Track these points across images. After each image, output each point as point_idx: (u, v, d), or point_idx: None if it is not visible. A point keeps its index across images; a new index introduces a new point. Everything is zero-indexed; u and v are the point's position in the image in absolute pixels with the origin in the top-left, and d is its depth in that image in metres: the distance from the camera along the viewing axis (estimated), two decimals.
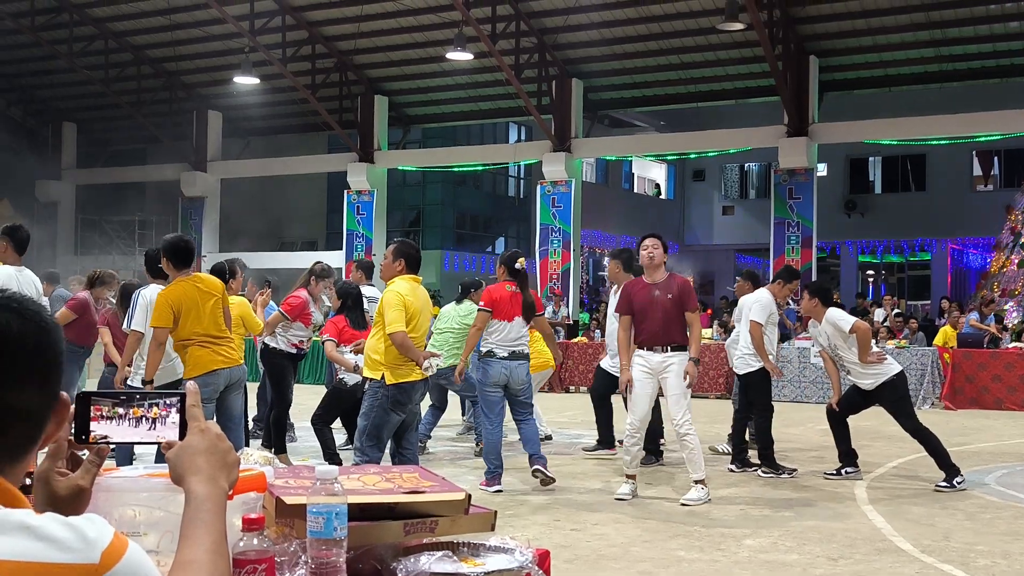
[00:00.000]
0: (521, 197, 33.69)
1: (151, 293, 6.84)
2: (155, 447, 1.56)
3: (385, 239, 22.67)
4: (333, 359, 8.47)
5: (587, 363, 15.87)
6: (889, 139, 20.90)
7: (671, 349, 7.20)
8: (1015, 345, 15.61)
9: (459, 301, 9.78)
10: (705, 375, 14.94)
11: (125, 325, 7.16)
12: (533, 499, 7.31)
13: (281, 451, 8.59)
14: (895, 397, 7.99)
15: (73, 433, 1.48)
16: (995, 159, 30.84)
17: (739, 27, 17.31)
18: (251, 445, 8.45)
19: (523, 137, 30.60)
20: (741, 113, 23.64)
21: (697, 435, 7.23)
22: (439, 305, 12.78)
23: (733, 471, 8.61)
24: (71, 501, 1.46)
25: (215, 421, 1.57)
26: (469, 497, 1.93)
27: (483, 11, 19.54)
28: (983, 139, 21.91)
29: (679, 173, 35.91)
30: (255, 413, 9.86)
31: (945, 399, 14.32)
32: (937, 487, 7.66)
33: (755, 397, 8.75)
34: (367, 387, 6.56)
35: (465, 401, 10.64)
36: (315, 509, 1.65)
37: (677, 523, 6.51)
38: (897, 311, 19.25)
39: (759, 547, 5.87)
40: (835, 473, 8.26)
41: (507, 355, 7.58)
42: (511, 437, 8.79)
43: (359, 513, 1.79)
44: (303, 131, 26.27)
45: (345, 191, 23.96)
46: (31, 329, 1.27)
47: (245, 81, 21.61)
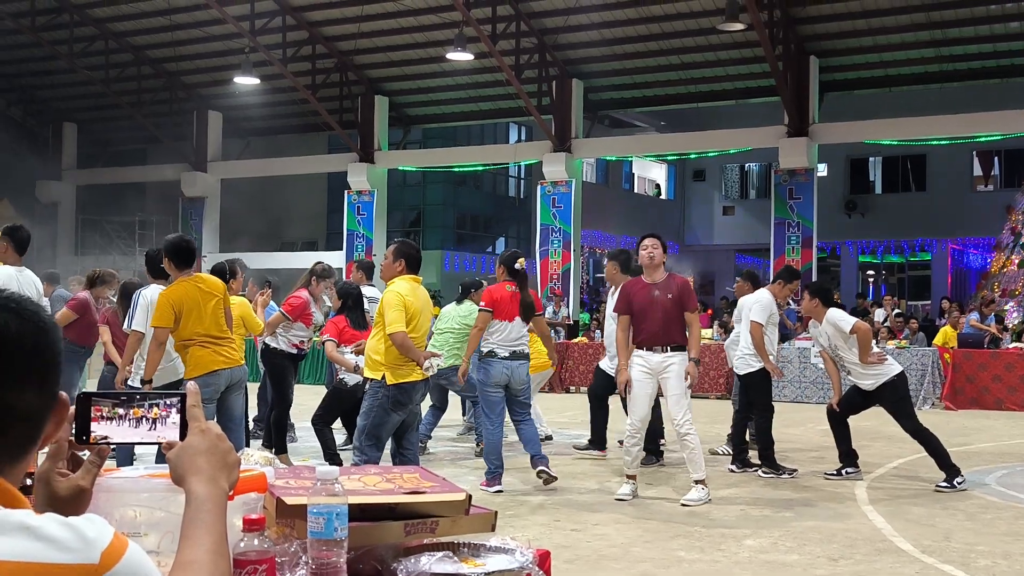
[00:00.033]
0: (521, 197, 33.69)
1: (152, 293, 6.84)
2: (155, 447, 1.56)
3: (385, 239, 22.67)
4: (333, 359, 8.47)
5: (587, 363, 15.87)
6: (889, 139, 20.89)
7: (671, 349, 7.20)
8: (1015, 345, 15.61)
9: (459, 301, 9.79)
10: (705, 375, 14.94)
11: (126, 325, 7.16)
12: (533, 499, 7.31)
13: (282, 451, 8.59)
14: (895, 398, 7.99)
15: (73, 433, 1.48)
16: (995, 159, 30.84)
17: (739, 27, 17.32)
18: (251, 445, 8.45)
19: (523, 137, 30.60)
20: (741, 113, 23.64)
21: (698, 435, 7.23)
22: (439, 305, 12.77)
23: (734, 471, 8.61)
24: (72, 501, 1.46)
25: (216, 421, 1.56)
26: (470, 498, 1.93)
27: (483, 11, 19.55)
28: (983, 139, 21.91)
29: (679, 173, 35.92)
30: (255, 413, 9.87)
31: (945, 399, 14.31)
32: (937, 487, 7.66)
33: (756, 397, 8.74)
34: (368, 387, 6.56)
35: (465, 401, 10.64)
36: (316, 510, 1.65)
37: (678, 523, 6.51)
38: (897, 311, 19.25)
39: (759, 547, 5.87)
40: (835, 473, 8.26)
41: (508, 355, 7.59)
42: (511, 437, 8.78)
43: (360, 513, 1.79)
44: (303, 131, 26.27)
45: (345, 191, 23.97)
46: (29, 329, 1.27)
47: (245, 81, 21.61)
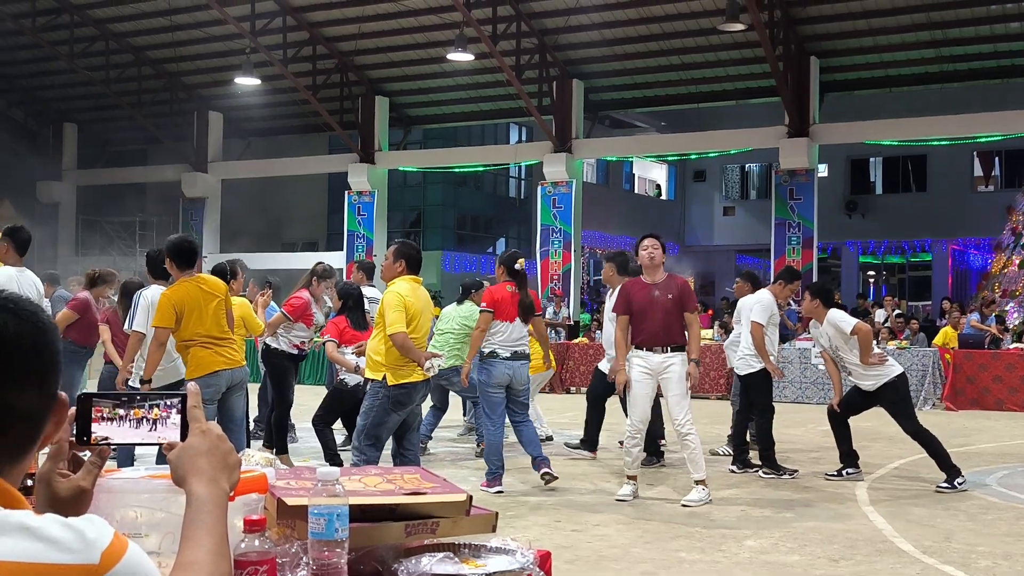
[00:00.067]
0: (522, 198, 33.69)
1: (152, 294, 6.84)
2: (156, 448, 1.56)
3: (386, 240, 22.67)
4: (334, 359, 8.47)
5: (588, 364, 15.86)
6: (890, 140, 20.90)
7: (671, 350, 7.20)
8: (1016, 346, 15.60)
9: (460, 302, 9.78)
10: (706, 376, 14.93)
11: (126, 326, 7.15)
12: (534, 500, 7.31)
13: (282, 452, 8.60)
14: (896, 398, 7.99)
15: (74, 434, 1.48)
16: (996, 160, 30.84)
17: (740, 28, 17.32)
18: (252, 446, 8.45)
19: (524, 138, 30.61)
20: (742, 114, 23.64)
21: (698, 435, 7.24)
22: (440, 306, 12.77)
23: (734, 472, 8.61)
24: (73, 502, 1.46)
25: (217, 422, 1.56)
26: (470, 498, 1.93)
27: (484, 12, 19.55)
28: (984, 140, 21.91)
29: (680, 174, 35.92)
30: (256, 414, 9.87)
31: (946, 400, 14.31)
32: (938, 488, 7.66)
33: (756, 398, 8.74)
34: (368, 387, 6.56)
35: (466, 402, 10.64)
36: (316, 510, 1.65)
37: (678, 524, 6.51)
38: (898, 312, 19.25)
39: (760, 548, 5.87)
40: (836, 474, 8.26)
41: (510, 355, 7.60)
42: (512, 438, 8.78)
43: (360, 514, 1.79)
44: (304, 132, 26.28)
45: (346, 192, 23.97)
46: (27, 330, 1.27)
47: (246, 82, 21.62)
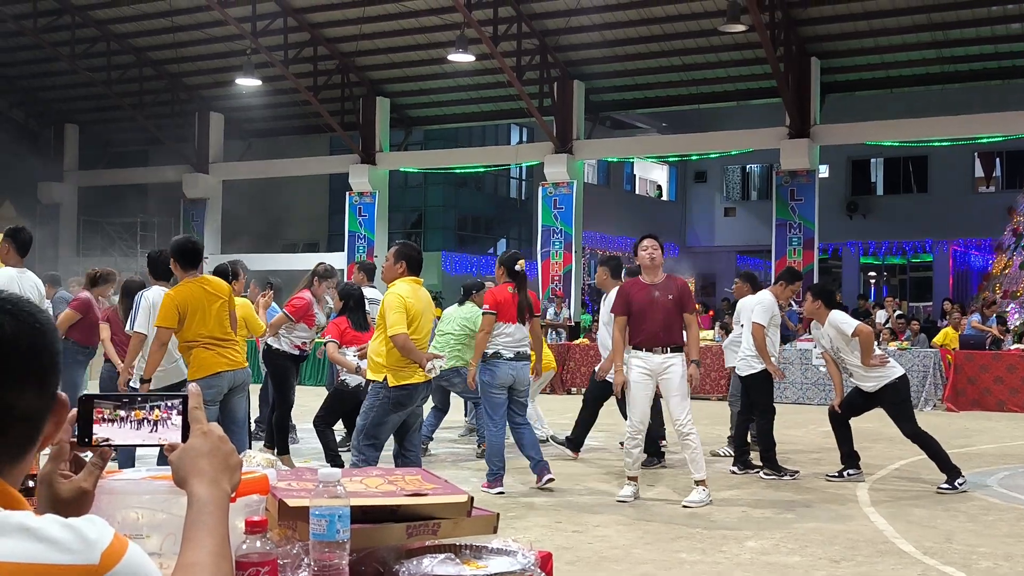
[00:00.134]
0: (523, 199, 33.69)
1: (153, 295, 6.84)
2: (157, 449, 1.56)
3: (387, 241, 22.69)
4: (335, 360, 8.47)
5: (588, 365, 15.85)
6: (891, 140, 20.90)
7: (671, 350, 7.21)
8: (1017, 347, 15.59)
9: (461, 303, 9.78)
10: (707, 377, 14.92)
11: (128, 327, 7.15)
12: (535, 501, 7.31)
13: (284, 452, 8.60)
14: (897, 400, 7.98)
15: (75, 435, 1.48)
16: (997, 160, 30.85)
17: (741, 29, 17.33)
18: (253, 446, 8.45)
19: (525, 139, 30.62)
20: (743, 115, 23.64)
21: (699, 435, 7.24)
22: (440, 307, 12.77)
23: (735, 473, 8.61)
24: (74, 503, 1.46)
25: (218, 424, 1.56)
26: (471, 500, 1.93)
27: (485, 13, 19.56)
28: (985, 140, 21.91)
29: (681, 174, 35.92)
30: (257, 415, 9.87)
31: (947, 401, 14.30)
32: (939, 489, 7.65)
33: (757, 399, 8.74)
34: (370, 388, 6.56)
35: (467, 403, 10.63)
36: (318, 512, 1.65)
37: (679, 525, 6.51)
38: (899, 313, 19.25)
39: (761, 549, 5.87)
40: (837, 475, 8.25)
41: (513, 356, 7.61)
42: (512, 438, 8.77)
43: (362, 515, 1.79)
44: (305, 133, 26.30)
45: (347, 193, 23.99)
46: (25, 330, 1.27)
47: (247, 83, 21.63)
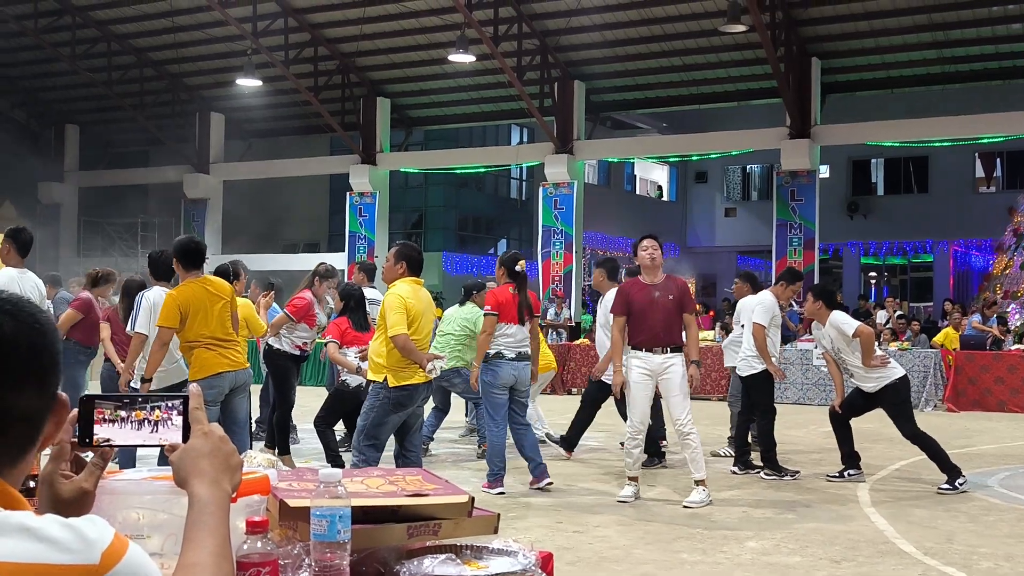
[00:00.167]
0: (523, 199, 33.68)
1: (154, 295, 6.84)
2: (158, 450, 1.56)
3: (387, 241, 22.68)
4: (335, 360, 8.47)
5: (589, 365, 15.84)
6: (891, 141, 20.89)
7: (671, 350, 7.21)
8: (1018, 347, 15.59)
9: (462, 303, 9.78)
10: (707, 377, 14.92)
11: (128, 327, 7.15)
12: (535, 501, 7.31)
13: (284, 453, 8.60)
14: (897, 400, 7.98)
15: (76, 436, 1.48)
16: (998, 161, 30.83)
17: (741, 29, 17.33)
18: (253, 447, 8.45)
19: (525, 139, 30.62)
20: (743, 115, 23.64)
21: (699, 435, 7.24)
22: (441, 307, 12.76)
23: (736, 473, 8.61)
24: (75, 504, 1.46)
25: (219, 424, 1.56)
26: (472, 500, 1.93)
27: (485, 13, 19.56)
28: (986, 141, 21.91)
29: (681, 175, 35.92)
30: (258, 415, 9.87)
31: (948, 401, 14.30)
32: (939, 489, 7.65)
33: (758, 399, 8.74)
34: (370, 388, 6.56)
35: (468, 403, 10.63)
36: (319, 512, 1.65)
37: (680, 525, 6.51)
38: (899, 313, 19.24)
39: (762, 549, 5.87)
40: (838, 475, 8.25)
41: (515, 356, 7.61)
42: (513, 440, 8.77)
43: (362, 516, 1.79)
44: (305, 133, 26.30)
45: (347, 193, 23.99)
46: (25, 330, 1.27)
47: (247, 83, 21.64)
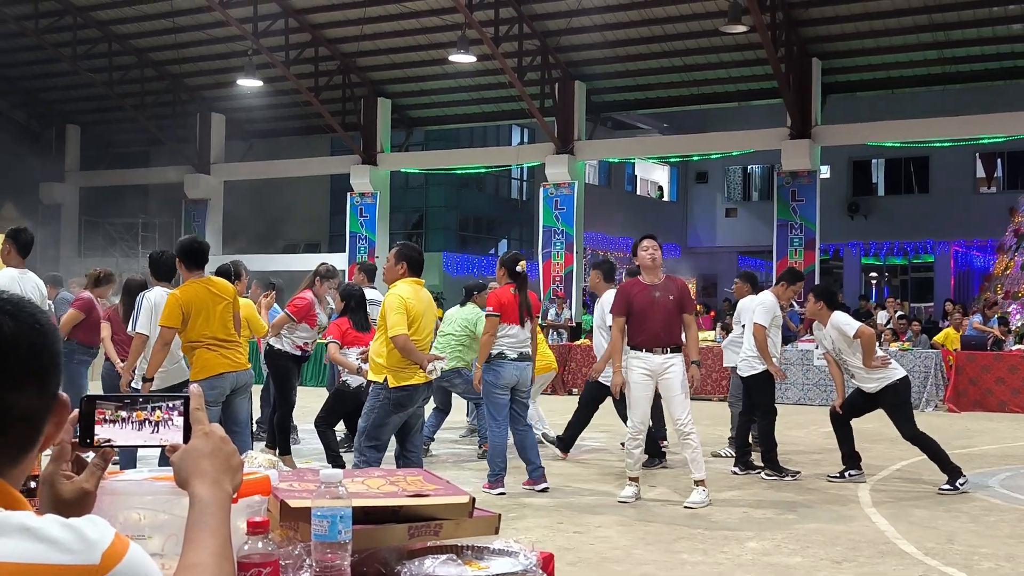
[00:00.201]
0: (524, 199, 33.67)
1: (155, 296, 6.84)
2: (158, 450, 1.56)
3: (388, 241, 22.69)
4: (336, 361, 8.47)
5: (589, 365, 15.79)
6: (892, 141, 20.88)
7: (671, 351, 7.22)
8: (1018, 348, 15.58)
9: (463, 303, 9.78)
10: (708, 377, 14.92)
11: (129, 328, 7.15)
12: (536, 501, 7.31)
13: (285, 453, 8.60)
14: (897, 401, 7.98)
15: (77, 436, 1.48)
16: (998, 161, 30.82)
17: (742, 29, 17.33)
18: (254, 447, 8.45)
19: (526, 139, 30.62)
20: (744, 115, 23.64)
21: (699, 435, 7.25)
22: (442, 308, 12.75)
23: (736, 473, 8.61)
24: (76, 504, 1.46)
25: (220, 425, 1.56)
26: (473, 500, 1.93)
27: (486, 14, 19.56)
28: (986, 141, 21.89)
29: (682, 175, 35.91)
30: (259, 415, 9.87)
31: (948, 402, 14.29)
32: (940, 490, 7.65)
33: (759, 399, 8.74)
34: (370, 389, 6.56)
35: (469, 403, 10.63)
36: (320, 513, 1.65)
37: (680, 525, 6.51)
38: (900, 313, 19.24)
39: (762, 550, 5.87)
40: (838, 476, 8.25)
41: (517, 357, 7.62)
42: (513, 440, 8.77)
43: (363, 516, 1.79)
44: (306, 133, 26.30)
45: (348, 193, 23.99)
46: (25, 331, 1.27)
47: (248, 83, 21.64)
